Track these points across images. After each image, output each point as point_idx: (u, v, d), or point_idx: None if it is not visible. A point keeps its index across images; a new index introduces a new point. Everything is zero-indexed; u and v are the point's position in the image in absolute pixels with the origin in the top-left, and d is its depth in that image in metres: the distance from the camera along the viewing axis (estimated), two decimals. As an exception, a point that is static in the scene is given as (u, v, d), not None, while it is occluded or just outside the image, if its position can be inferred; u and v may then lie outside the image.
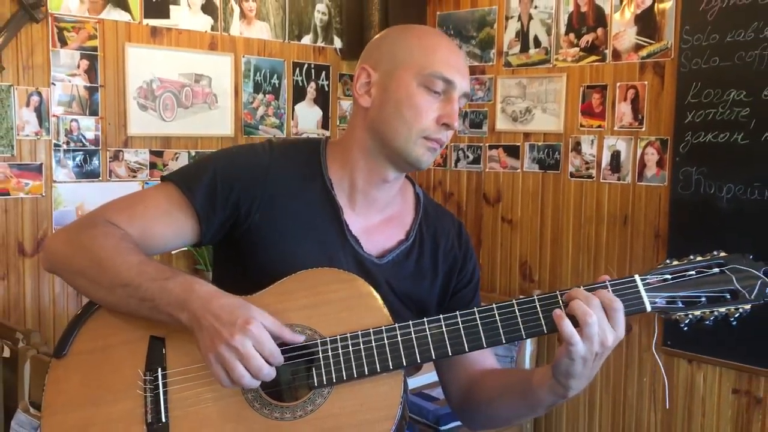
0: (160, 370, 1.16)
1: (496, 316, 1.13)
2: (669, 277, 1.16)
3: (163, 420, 1.13)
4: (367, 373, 1.12)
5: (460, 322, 1.14)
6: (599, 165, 3.00)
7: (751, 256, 1.19)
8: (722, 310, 1.15)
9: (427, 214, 1.40)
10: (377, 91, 1.27)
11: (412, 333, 1.14)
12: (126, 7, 2.89)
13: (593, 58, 2.99)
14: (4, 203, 2.65)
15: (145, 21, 2.95)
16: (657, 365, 2.89)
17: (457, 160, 3.50)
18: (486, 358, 1.38)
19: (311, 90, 3.54)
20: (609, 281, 1.14)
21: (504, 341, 1.14)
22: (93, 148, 2.85)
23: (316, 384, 1.13)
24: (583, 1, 3.00)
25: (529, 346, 3.08)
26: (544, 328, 1.12)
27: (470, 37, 3.41)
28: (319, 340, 1.14)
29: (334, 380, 1.12)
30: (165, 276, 1.12)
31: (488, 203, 3.40)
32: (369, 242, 1.31)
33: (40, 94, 2.69)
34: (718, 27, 2.62)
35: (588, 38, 3.00)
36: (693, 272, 1.16)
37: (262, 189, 1.26)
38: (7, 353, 2.08)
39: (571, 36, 3.05)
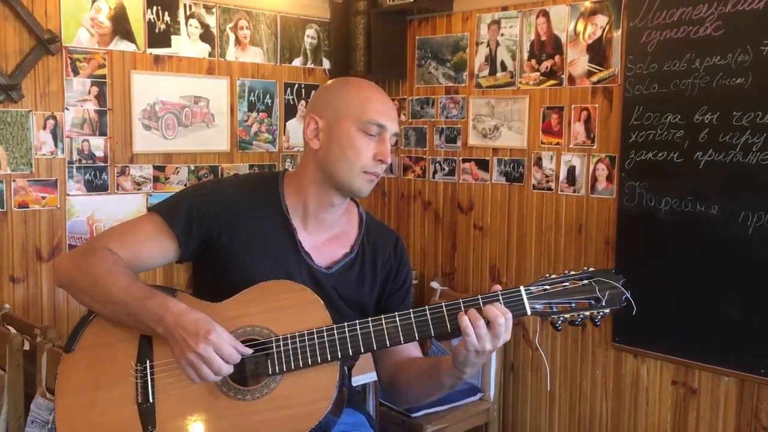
0: (148, 361, 1.46)
1: (412, 319, 1.45)
2: (548, 287, 1.46)
3: (150, 401, 1.44)
4: (310, 363, 1.43)
5: (384, 324, 1.45)
6: (557, 178, 3.31)
7: (613, 270, 1.50)
8: (586, 313, 1.47)
9: (368, 231, 1.73)
10: (324, 136, 1.59)
11: (346, 332, 1.45)
12: (132, 39, 3.24)
13: (552, 81, 3.31)
14: (24, 214, 3.00)
15: (149, 50, 3.29)
16: (608, 359, 3.20)
17: (435, 172, 3.82)
18: (410, 349, 1.70)
19: (301, 108, 3.88)
20: (500, 291, 1.45)
21: (417, 338, 1.46)
22: (102, 164, 3.20)
23: (270, 372, 1.44)
24: (543, 31, 3.32)
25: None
26: (449, 328, 1.44)
27: (446, 60, 3.73)
28: (273, 338, 1.46)
29: (285, 369, 1.43)
30: (146, 296, 1.43)
31: (462, 211, 3.72)
32: (319, 256, 1.63)
33: (55, 117, 3.04)
34: (656, 58, 2.93)
35: (547, 64, 3.32)
36: (567, 283, 1.47)
37: (230, 216, 1.58)
38: (26, 346, 2.42)
39: (533, 62, 3.37)
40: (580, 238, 3.27)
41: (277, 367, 1.44)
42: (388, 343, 1.45)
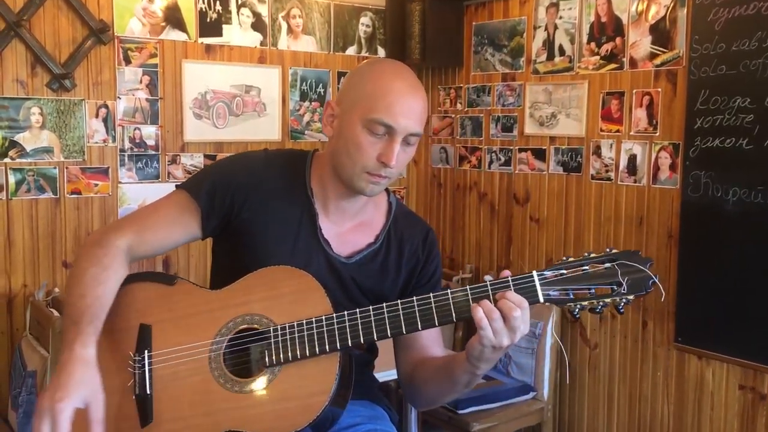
0: (146, 351, 1.42)
1: (416, 307, 1.36)
2: (564, 271, 1.34)
3: (148, 392, 1.39)
4: (308, 354, 1.35)
5: (385, 312, 1.36)
6: (617, 168, 3.14)
7: (639, 252, 1.35)
8: (607, 300, 1.33)
9: (396, 220, 1.63)
10: (337, 125, 1.48)
11: (346, 321, 1.36)
12: (183, 28, 3.26)
13: (612, 65, 3.13)
14: (77, 201, 3.06)
15: (200, 40, 3.31)
16: (670, 361, 3.01)
17: (491, 162, 3.69)
18: (432, 347, 1.60)
19: (355, 97, 3.81)
20: (510, 277, 1.34)
21: (420, 327, 1.36)
22: (153, 153, 3.23)
23: (267, 364, 1.37)
24: (603, 12, 3.14)
25: (549, 338, 3.25)
26: (453, 317, 1.33)
27: (502, 45, 3.60)
28: (272, 327, 1.39)
29: (282, 360, 1.36)
30: (75, 320, 1.36)
31: (518, 203, 3.59)
32: (339, 244, 1.55)
33: (107, 106, 3.09)
34: (724, 37, 2.72)
35: (607, 47, 3.14)
36: (586, 267, 1.33)
37: (253, 192, 1.51)
38: (67, 328, 2.47)
39: (593, 45, 3.20)
40: (640, 231, 3.08)
41: (274, 358, 1.37)
42: (389, 332, 1.36)
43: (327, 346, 1.36)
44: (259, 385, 1.37)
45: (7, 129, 2.88)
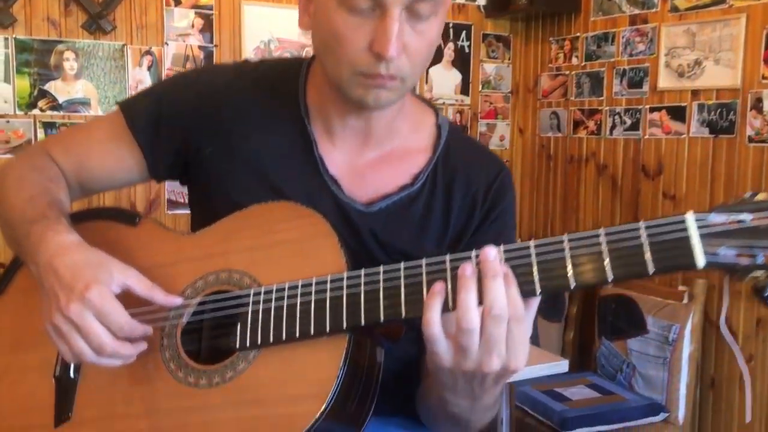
0: None
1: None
2: (747, 217, 0.73)
3: (71, 376, 0.96)
4: (298, 335, 0.85)
5: (423, 274, 0.81)
6: (786, 126, 2.40)
7: None
8: None
9: (448, 153, 1.06)
10: (312, 11, 0.96)
11: (362, 286, 0.84)
12: (244, -36, 2.80)
13: (781, -9, 2.40)
14: (117, 163, 2.66)
15: (265, -22, 2.84)
16: None
17: (613, 126, 3.02)
18: None
19: (449, 51, 3.25)
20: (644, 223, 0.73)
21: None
22: (207, 109, 2.79)
23: (238, 345, 0.88)
24: None
25: (687, 345, 2.55)
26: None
27: (631, -19, 2.91)
28: (252, 291, 0.89)
29: (259, 342, 0.87)
30: (35, 218, 0.94)
31: (647, 176, 2.89)
32: (354, 184, 1.02)
33: (152, 53, 2.67)
34: None
35: (775, -33, 2.41)
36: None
37: (215, 117, 1.03)
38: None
39: (754, -34, 2.47)
40: (818, 209, 2.33)
41: (248, 339, 0.87)
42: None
43: (327, 325, 0.84)
44: (224, 376, 0.89)
45: (36, 76, 2.50)
